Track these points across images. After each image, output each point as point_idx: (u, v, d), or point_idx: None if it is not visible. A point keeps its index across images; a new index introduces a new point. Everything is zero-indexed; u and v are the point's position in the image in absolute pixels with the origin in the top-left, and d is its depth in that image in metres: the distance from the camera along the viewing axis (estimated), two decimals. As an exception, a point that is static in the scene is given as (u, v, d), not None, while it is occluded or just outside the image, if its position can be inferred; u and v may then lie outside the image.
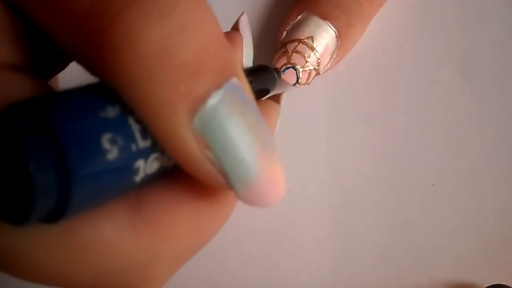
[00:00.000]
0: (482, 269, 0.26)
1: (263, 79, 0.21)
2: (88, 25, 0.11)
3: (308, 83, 0.26)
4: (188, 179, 0.13)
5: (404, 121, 0.27)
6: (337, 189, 0.27)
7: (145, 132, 0.12)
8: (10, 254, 0.12)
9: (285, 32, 0.26)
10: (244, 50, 0.20)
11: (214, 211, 0.14)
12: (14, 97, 0.12)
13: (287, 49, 0.25)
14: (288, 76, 0.25)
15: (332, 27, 0.25)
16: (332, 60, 0.26)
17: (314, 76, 0.26)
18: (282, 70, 0.25)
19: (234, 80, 0.12)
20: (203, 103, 0.11)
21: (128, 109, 0.12)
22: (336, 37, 0.25)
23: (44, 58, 0.14)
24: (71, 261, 0.12)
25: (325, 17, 0.25)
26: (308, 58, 0.25)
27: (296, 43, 0.25)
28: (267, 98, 0.21)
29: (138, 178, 0.12)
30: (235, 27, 0.20)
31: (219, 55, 0.12)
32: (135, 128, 0.12)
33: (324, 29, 0.25)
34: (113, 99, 0.12)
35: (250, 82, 0.15)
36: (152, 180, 0.13)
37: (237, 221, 0.27)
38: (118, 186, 0.12)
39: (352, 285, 0.27)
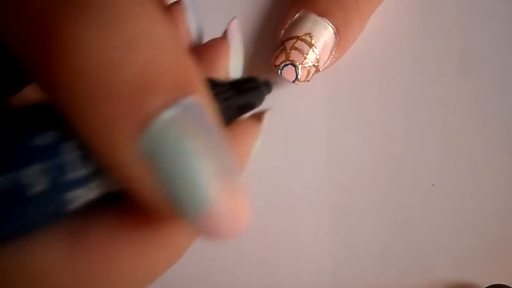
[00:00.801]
0: (482, 269, 0.26)
1: (249, 92, 0.20)
2: (31, 34, 0.10)
3: (308, 80, 0.26)
4: (137, 205, 0.12)
5: (404, 121, 0.27)
6: (337, 189, 0.27)
7: (85, 158, 0.11)
8: None
9: (283, 31, 0.26)
10: (231, 59, 0.19)
11: (164, 243, 0.13)
12: None
13: (285, 46, 0.25)
14: (287, 73, 0.25)
15: (330, 24, 0.25)
16: (331, 57, 0.26)
17: (314, 73, 0.26)
18: (281, 67, 0.25)
19: (191, 98, 0.11)
20: (151, 123, 0.10)
21: (65, 134, 0.10)
22: (334, 33, 0.25)
23: (4, 74, 0.13)
24: None
25: (322, 14, 0.25)
26: (307, 55, 0.25)
27: (294, 40, 0.25)
28: (250, 116, 0.20)
29: (73, 206, 0.11)
30: (225, 34, 0.19)
31: (173, 69, 0.11)
32: (70, 157, 0.10)
33: (322, 26, 0.25)
34: (52, 122, 0.10)
35: (232, 95, 0.14)
36: (99, 203, 0.12)
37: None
38: (49, 217, 0.11)
39: (352, 285, 0.27)
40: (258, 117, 0.19)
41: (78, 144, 0.11)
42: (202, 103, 0.11)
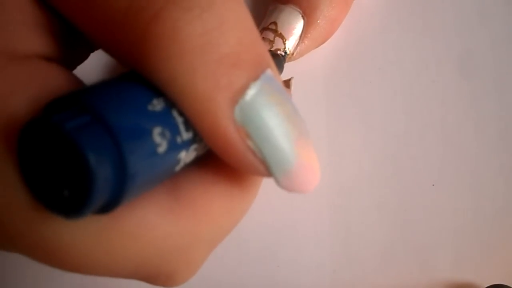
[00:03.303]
0: (482, 269, 0.26)
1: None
2: (127, 23, 0.12)
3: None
4: (218, 164, 0.13)
5: (404, 121, 0.27)
6: (337, 189, 0.27)
7: (187, 124, 0.12)
8: (55, 246, 0.12)
9: None
10: None
11: (243, 193, 0.15)
12: (50, 88, 0.12)
13: None
14: None
15: (296, 8, 0.26)
16: (305, 40, 0.26)
17: (286, 59, 0.26)
18: None
19: (269, 71, 0.13)
20: (243, 95, 0.12)
21: (170, 102, 0.12)
22: (302, 16, 0.26)
23: (71, 48, 0.14)
24: (116, 249, 0.12)
25: (286, 2, 0.26)
26: (273, 42, 0.25)
27: (261, 32, 0.26)
28: None
29: (179, 167, 0.12)
30: None
31: (254, 47, 0.12)
32: (179, 120, 0.12)
33: (287, 12, 0.26)
34: (156, 91, 0.12)
35: None
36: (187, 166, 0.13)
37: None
38: (163, 176, 0.12)
39: (352, 285, 0.27)
40: (286, 84, 0.20)
41: (179, 112, 0.12)
42: (276, 74, 0.13)
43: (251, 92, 0.12)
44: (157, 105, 0.12)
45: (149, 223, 0.12)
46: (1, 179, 0.11)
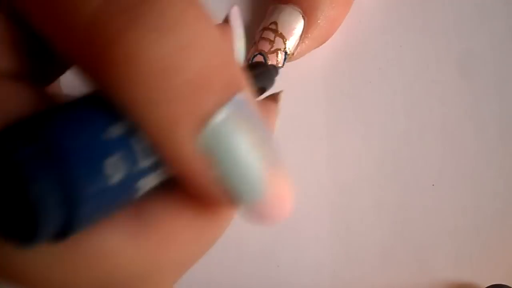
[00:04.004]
0: (482, 269, 0.26)
1: (260, 77, 0.20)
2: (88, 39, 0.11)
3: (281, 66, 0.26)
4: (190, 191, 0.13)
5: (404, 121, 0.27)
6: (337, 189, 0.27)
7: (148, 150, 0.11)
8: (14, 269, 0.12)
9: None
10: (235, 43, 0.19)
11: (212, 220, 0.14)
12: (14, 110, 0.11)
13: (255, 40, 0.26)
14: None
15: (296, 8, 0.26)
16: (305, 40, 0.26)
17: (286, 59, 0.26)
18: (251, 59, 0.26)
19: (240, 95, 0.12)
20: (208, 121, 0.11)
21: (130, 127, 0.11)
22: (302, 16, 0.26)
23: (43, 64, 0.14)
24: (75, 273, 0.12)
25: (286, 2, 0.26)
26: (273, 42, 0.26)
27: (261, 32, 0.26)
28: (265, 98, 0.21)
29: (138, 194, 0.12)
30: (226, 20, 0.20)
31: (224, 70, 0.12)
32: (137, 148, 0.11)
33: (286, 12, 0.26)
34: (115, 115, 0.11)
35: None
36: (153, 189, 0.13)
37: (237, 221, 0.27)
38: (119, 204, 0.12)
39: (352, 285, 0.27)
40: (275, 98, 0.20)
41: (140, 136, 0.11)
42: (249, 98, 0.12)
43: (217, 119, 0.11)
44: (114, 132, 0.11)
45: (111, 247, 0.12)
46: None
